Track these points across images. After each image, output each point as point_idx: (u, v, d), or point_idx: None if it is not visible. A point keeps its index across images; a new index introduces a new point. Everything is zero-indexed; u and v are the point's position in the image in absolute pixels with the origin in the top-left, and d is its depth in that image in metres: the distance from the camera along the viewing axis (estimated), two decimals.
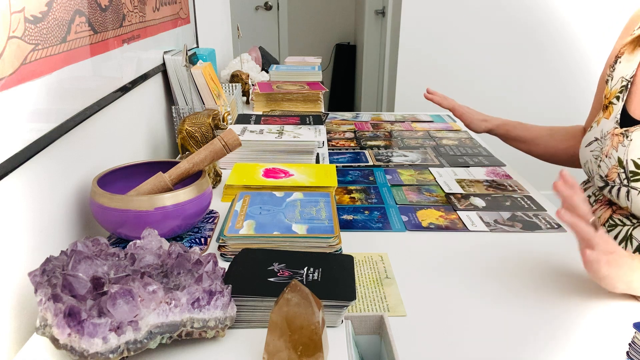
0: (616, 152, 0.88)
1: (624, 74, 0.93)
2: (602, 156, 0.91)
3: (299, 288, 0.47)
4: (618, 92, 0.93)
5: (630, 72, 0.92)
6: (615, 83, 0.95)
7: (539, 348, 0.60)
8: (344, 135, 1.41)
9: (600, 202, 0.98)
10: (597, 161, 0.93)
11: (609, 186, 0.90)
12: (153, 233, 0.58)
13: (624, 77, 0.93)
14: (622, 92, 0.92)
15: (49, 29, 0.65)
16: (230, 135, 0.80)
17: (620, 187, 0.86)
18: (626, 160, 0.85)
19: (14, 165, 0.57)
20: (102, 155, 0.87)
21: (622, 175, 0.86)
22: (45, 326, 0.48)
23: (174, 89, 1.25)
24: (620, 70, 0.95)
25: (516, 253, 0.81)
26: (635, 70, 0.91)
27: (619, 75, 0.95)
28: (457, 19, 2.53)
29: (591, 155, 0.96)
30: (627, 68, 0.93)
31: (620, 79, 0.94)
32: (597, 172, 0.93)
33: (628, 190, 0.85)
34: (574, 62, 2.54)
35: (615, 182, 0.87)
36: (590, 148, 0.97)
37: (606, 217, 0.94)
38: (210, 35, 1.91)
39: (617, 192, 0.88)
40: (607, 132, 0.92)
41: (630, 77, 0.91)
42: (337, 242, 0.74)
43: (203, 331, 0.51)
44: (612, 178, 0.88)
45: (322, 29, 4.40)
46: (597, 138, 0.95)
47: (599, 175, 0.93)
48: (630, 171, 0.85)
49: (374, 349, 0.57)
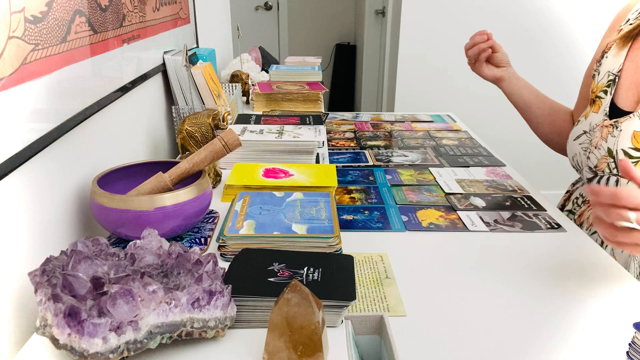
0: (606, 143, 0.89)
1: (611, 69, 0.94)
2: (592, 148, 0.93)
3: (299, 288, 0.47)
4: (605, 86, 0.94)
5: (617, 67, 0.93)
6: (601, 77, 0.96)
7: (539, 348, 0.60)
8: (344, 135, 1.41)
9: (588, 203, 0.98)
10: (587, 153, 0.94)
11: (597, 176, 0.91)
12: (153, 233, 0.58)
13: (610, 71, 0.94)
14: (610, 86, 0.93)
15: (49, 29, 0.65)
16: (230, 135, 0.80)
17: (609, 176, 0.88)
18: (616, 150, 0.86)
19: (14, 165, 0.57)
20: (102, 155, 0.87)
21: (611, 165, 0.87)
22: (45, 326, 0.48)
23: (174, 89, 1.25)
24: (607, 64, 0.96)
25: (516, 253, 0.81)
26: (622, 65, 0.92)
27: (606, 70, 0.96)
28: (457, 19, 2.53)
29: (580, 147, 0.97)
30: (613, 62, 0.95)
31: (607, 73, 0.95)
32: (586, 163, 0.94)
33: (617, 179, 0.86)
34: (574, 65, 2.54)
35: (605, 172, 0.88)
36: (579, 141, 0.98)
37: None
38: (210, 35, 1.91)
39: (606, 182, 0.89)
40: (596, 125, 0.93)
41: (617, 71, 0.93)
42: (337, 242, 0.74)
43: (203, 331, 0.51)
44: (601, 168, 0.89)
45: (322, 29, 4.40)
46: (585, 131, 0.96)
47: (587, 167, 0.94)
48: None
49: (374, 349, 0.57)
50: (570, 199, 1.06)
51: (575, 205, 1.04)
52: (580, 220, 0.99)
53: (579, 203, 1.03)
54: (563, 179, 1.66)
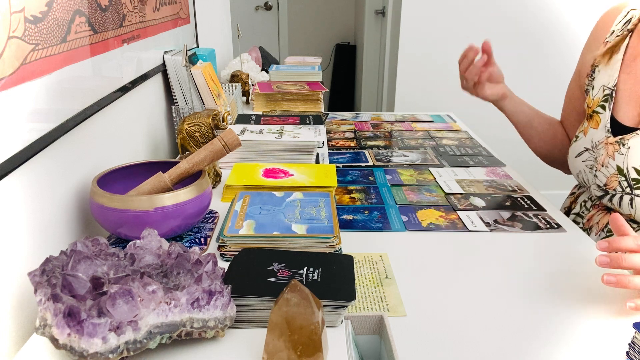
0: (614, 161, 0.88)
1: (606, 83, 0.93)
2: (598, 165, 0.91)
3: (299, 288, 0.47)
4: (602, 101, 0.93)
5: (612, 81, 0.92)
6: (596, 92, 0.95)
7: (539, 348, 0.60)
8: (344, 135, 1.41)
9: (597, 208, 0.98)
10: (593, 171, 0.93)
11: (609, 195, 0.90)
12: (153, 233, 0.58)
13: (605, 85, 0.93)
14: (607, 101, 0.92)
15: (49, 29, 0.65)
16: (230, 135, 0.80)
17: (622, 195, 0.86)
18: (626, 168, 0.85)
19: (14, 165, 0.57)
20: (102, 155, 0.87)
21: (623, 183, 0.86)
22: (45, 326, 0.48)
23: (174, 89, 1.25)
24: (600, 79, 0.95)
25: (516, 253, 0.81)
26: (617, 78, 0.91)
27: (600, 84, 0.94)
28: (457, 19, 2.53)
29: (584, 165, 0.96)
30: (608, 76, 0.93)
31: (602, 87, 0.93)
32: (594, 181, 0.93)
33: (631, 198, 0.85)
34: (574, 64, 2.54)
35: (617, 190, 0.87)
36: (582, 158, 0.96)
37: (604, 222, 0.94)
38: (210, 35, 1.91)
39: (619, 200, 0.87)
40: (599, 142, 0.92)
41: (613, 86, 0.91)
42: (337, 242, 0.74)
43: (203, 331, 0.51)
44: (612, 187, 0.88)
45: (322, 29, 4.40)
46: (587, 148, 0.95)
47: (596, 185, 0.92)
48: (633, 179, 0.85)
49: (374, 349, 0.57)
50: (577, 202, 1.05)
51: (583, 208, 1.02)
52: (589, 225, 0.98)
53: (587, 207, 1.01)
54: (563, 179, 1.65)
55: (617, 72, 0.91)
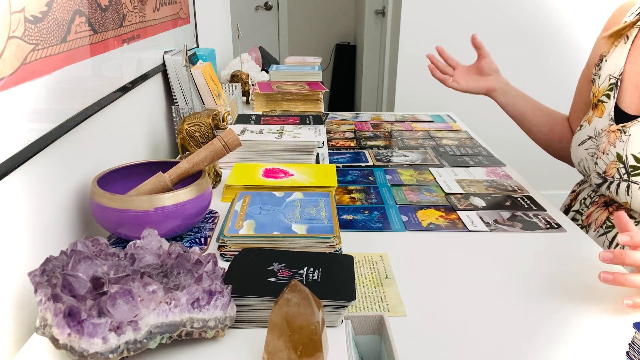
0: (614, 148, 0.88)
1: (612, 72, 0.94)
2: (599, 153, 0.92)
3: (299, 288, 0.47)
4: (607, 90, 0.94)
5: (619, 70, 0.93)
6: (602, 81, 0.96)
7: (539, 348, 0.60)
8: (344, 135, 1.41)
9: (597, 204, 0.98)
10: (594, 159, 0.94)
11: (607, 182, 0.90)
12: (153, 233, 0.58)
13: (611, 74, 0.94)
14: (612, 90, 0.92)
15: (49, 29, 0.65)
16: (230, 135, 0.80)
17: (620, 182, 0.87)
18: (626, 155, 0.86)
19: (14, 165, 0.57)
20: (102, 155, 0.87)
21: (621, 170, 0.86)
22: (45, 326, 0.48)
23: (174, 89, 1.25)
24: (607, 68, 0.96)
25: (516, 253, 0.81)
26: (624, 67, 0.92)
27: (606, 73, 0.95)
28: (457, 19, 2.53)
29: (586, 153, 0.96)
30: (614, 65, 0.94)
31: (608, 76, 0.94)
32: (594, 169, 0.93)
33: (628, 185, 0.86)
34: (574, 63, 2.54)
35: (615, 177, 0.88)
36: (584, 146, 0.97)
37: (602, 219, 0.94)
38: (210, 35, 1.91)
39: (616, 188, 0.88)
40: (602, 130, 0.93)
41: (618, 75, 0.92)
42: (337, 242, 0.74)
43: (203, 331, 0.51)
44: (611, 174, 0.89)
45: (322, 29, 4.40)
46: (590, 136, 0.96)
47: (596, 173, 0.93)
48: (631, 166, 0.85)
49: (374, 349, 0.57)
50: (577, 199, 1.05)
51: (582, 205, 1.03)
52: (589, 221, 0.98)
53: (586, 204, 1.01)
54: (563, 179, 1.65)
55: (624, 61, 0.92)
